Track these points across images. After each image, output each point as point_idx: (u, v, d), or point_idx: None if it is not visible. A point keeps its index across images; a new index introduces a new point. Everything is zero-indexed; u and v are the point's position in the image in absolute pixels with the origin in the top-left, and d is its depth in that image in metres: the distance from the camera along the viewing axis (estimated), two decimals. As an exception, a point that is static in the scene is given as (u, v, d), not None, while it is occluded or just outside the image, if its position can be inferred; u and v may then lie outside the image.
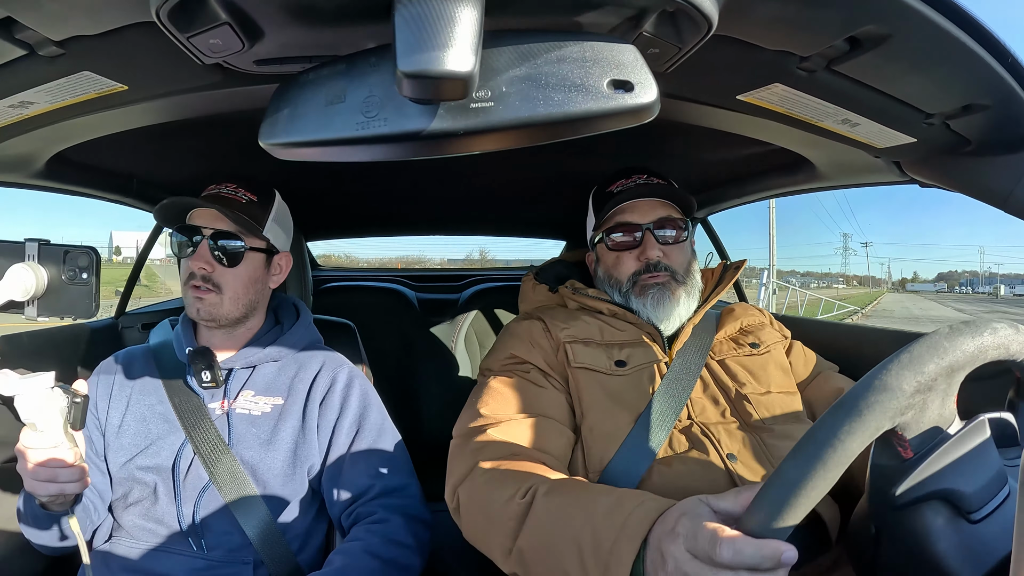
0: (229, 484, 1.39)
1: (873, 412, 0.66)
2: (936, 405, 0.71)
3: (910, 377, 0.67)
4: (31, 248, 1.08)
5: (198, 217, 1.50)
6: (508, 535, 1.09)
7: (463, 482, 1.24)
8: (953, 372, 0.69)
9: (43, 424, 1.06)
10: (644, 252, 1.51)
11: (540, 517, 1.04)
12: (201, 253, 1.46)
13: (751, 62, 0.93)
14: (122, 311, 2.41)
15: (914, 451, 0.73)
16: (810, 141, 1.38)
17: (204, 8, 0.72)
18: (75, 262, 1.10)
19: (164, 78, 0.99)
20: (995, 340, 0.69)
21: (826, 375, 1.55)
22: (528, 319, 1.58)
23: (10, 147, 1.26)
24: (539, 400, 1.38)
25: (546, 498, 1.06)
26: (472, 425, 1.34)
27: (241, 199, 1.52)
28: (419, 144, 0.71)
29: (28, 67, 0.88)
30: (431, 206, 2.90)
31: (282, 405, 1.50)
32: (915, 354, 0.68)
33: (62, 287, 1.10)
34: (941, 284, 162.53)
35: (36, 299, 1.08)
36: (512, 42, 0.71)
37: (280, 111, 0.74)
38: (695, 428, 1.35)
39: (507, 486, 1.13)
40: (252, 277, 1.54)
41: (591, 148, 1.80)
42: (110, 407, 1.49)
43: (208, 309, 1.47)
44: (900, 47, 0.84)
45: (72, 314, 1.11)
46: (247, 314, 1.57)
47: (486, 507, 1.16)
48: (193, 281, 1.46)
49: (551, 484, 1.09)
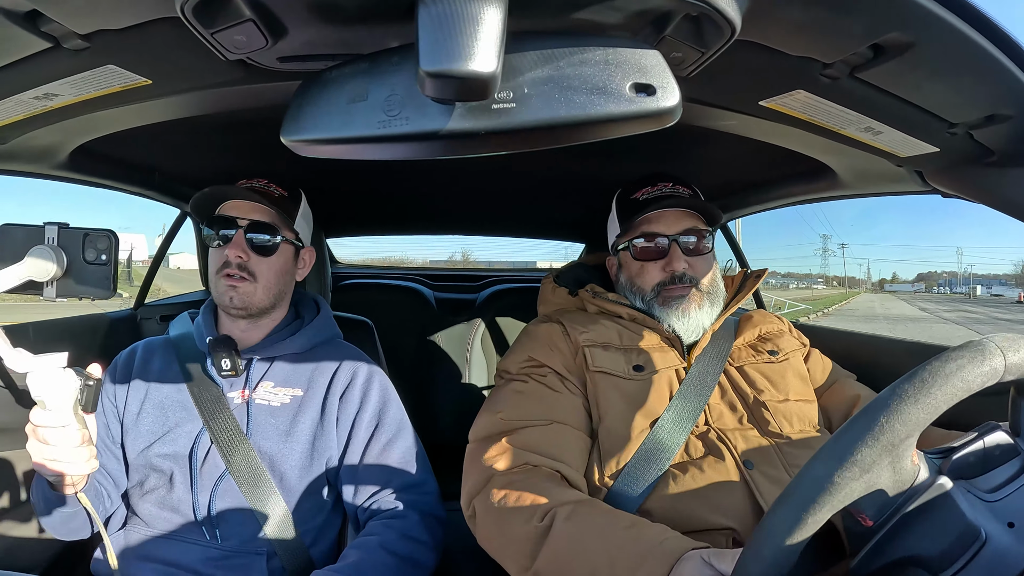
0: (246, 474, 1.40)
1: (814, 507, 0.66)
2: (887, 474, 0.70)
3: (841, 469, 0.66)
4: (51, 231, 1.10)
5: (232, 208, 1.52)
6: (526, 555, 1.10)
7: (478, 494, 1.25)
8: (895, 445, 0.67)
9: (52, 403, 1.08)
10: (670, 263, 1.51)
11: (559, 543, 1.06)
12: (237, 241, 1.48)
13: (774, 68, 0.92)
14: (141, 302, 2.44)
15: (873, 519, 0.73)
16: (832, 149, 1.37)
17: (228, 4, 0.73)
18: (94, 244, 1.12)
19: (188, 73, 0.99)
20: (945, 393, 0.66)
21: (843, 382, 1.54)
22: (547, 322, 1.58)
23: (35, 138, 1.28)
24: (556, 405, 1.38)
25: (565, 524, 1.07)
26: (488, 431, 1.35)
27: (274, 193, 1.56)
28: (440, 144, 0.71)
29: (53, 60, 0.89)
30: (450, 205, 2.90)
31: (301, 397, 1.51)
32: (842, 443, 0.67)
33: (82, 268, 1.12)
34: (919, 285, 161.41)
35: (55, 280, 1.10)
36: (535, 44, 0.71)
37: (302, 108, 0.75)
38: (712, 434, 1.34)
39: (524, 504, 1.14)
40: (283, 268, 1.57)
41: (612, 151, 1.80)
42: (129, 395, 1.51)
43: (242, 297, 1.49)
44: (924, 55, 0.83)
45: (91, 295, 1.13)
46: (275, 304, 1.59)
47: (502, 524, 1.17)
48: (227, 269, 1.48)
49: (570, 509, 1.10)
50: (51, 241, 1.10)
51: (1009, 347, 0.68)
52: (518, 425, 1.33)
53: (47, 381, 1.07)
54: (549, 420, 1.34)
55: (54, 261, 1.08)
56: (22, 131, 1.21)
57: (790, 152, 1.46)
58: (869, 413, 0.67)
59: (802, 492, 0.67)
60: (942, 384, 0.65)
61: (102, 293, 1.13)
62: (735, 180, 2.14)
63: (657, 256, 1.53)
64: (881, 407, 0.67)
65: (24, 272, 1.06)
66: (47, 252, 1.08)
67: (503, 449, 1.28)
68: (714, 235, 1.60)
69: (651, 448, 1.31)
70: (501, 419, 1.35)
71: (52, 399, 1.08)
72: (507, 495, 1.19)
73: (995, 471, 0.77)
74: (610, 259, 1.72)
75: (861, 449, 0.66)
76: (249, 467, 1.41)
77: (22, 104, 1.05)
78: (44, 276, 1.08)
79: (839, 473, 0.66)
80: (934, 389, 0.65)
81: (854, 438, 0.67)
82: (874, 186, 1.61)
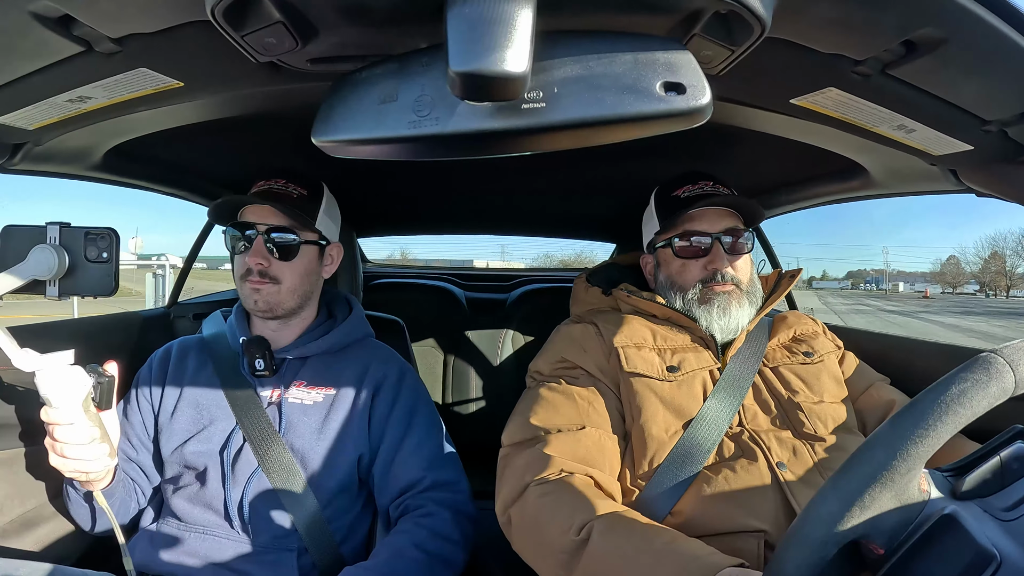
0: (278, 471, 1.42)
1: (820, 545, 0.65)
2: (891, 506, 0.68)
3: (841, 508, 0.65)
4: (52, 231, 1.13)
5: (251, 213, 1.53)
6: (561, 566, 1.11)
7: (514, 503, 1.24)
8: (896, 481, 0.66)
9: (58, 401, 1.11)
10: (712, 262, 1.50)
11: (595, 558, 1.06)
12: (257, 248, 1.50)
13: (805, 65, 0.91)
14: (174, 301, 2.47)
15: (883, 548, 0.71)
16: (865, 147, 1.35)
17: (259, 7, 0.73)
18: (95, 243, 1.14)
19: (219, 75, 1.00)
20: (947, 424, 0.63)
21: (878, 386, 1.52)
22: (580, 322, 1.58)
23: (69, 140, 1.30)
24: (589, 409, 1.37)
25: (602, 538, 1.07)
26: (521, 436, 1.35)
27: (292, 194, 1.55)
28: (470, 144, 0.71)
29: (86, 63, 0.91)
30: (481, 206, 2.91)
31: (334, 395, 1.52)
32: (843, 482, 0.66)
33: (84, 267, 1.14)
34: (846, 282, 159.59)
35: (58, 279, 1.12)
36: (564, 43, 0.71)
37: (333, 109, 0.75)
38: (745, 435, 1.33)
39: (560, 515, 1.14)
40: (307, 269, 1.58)
41: (643, 151, 1.79)
42: (164, 393, 1.54)
43: (266, 299, 1.51)
44: (957, 51, 0.81)
45: (93, 292, 1.14)
46: (302, 304, 1.60)
47: (538, 535, 1.18)
48: (250, 276, 1.49)
49: (607, 521, 1.09)
50: (53, 240, 1.12)
51: (1020, 359, 0.65)
52: (551, 430, 1.33)
53: (52, 379, 1.09)
54: (581, 424, 1.34)
55: (56, 260, 1.10)
56: (57, 133, 1.23)
57: (822, 151, 1.44)
58: (868, 450, 0.66)
59: (806, 531, 0.67)
60: (943, 414, 0.64)
61: (104, 291, 1.14)
62: (766, 179, 2.12)
63: (699, 254, 1.52)
64: (880, 443, 0.66)
65: (27, 271, 1.08)
66: (49, 251, 1.10)
67: (536, 456, 1.27)
68: (753, 235, 1.59)
69: (684, 450, 1.30)
70: (534, 424, 1.35)
71: (58, 397, 1.10)
72: (543, 505, 1.19)
73: (1013, 486, 0.74)
74: (645, 257, 1.71)
75: (861, 489, 0.65)
76: (281, 465, 1.42)
77: (56, 107, 1.07)
78: (47, 275, 1.10)
79: (841, 512, 0.65)
80: (936, 421, 0.64)
81: (852, 478, 0.66)
82: (907, 185, 1.59)
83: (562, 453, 1.28)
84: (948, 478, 0.76)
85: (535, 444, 1.30)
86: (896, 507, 0.68)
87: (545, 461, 1.26)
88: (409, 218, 3.21)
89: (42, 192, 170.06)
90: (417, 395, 1.59)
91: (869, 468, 0.65)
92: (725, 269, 1.49)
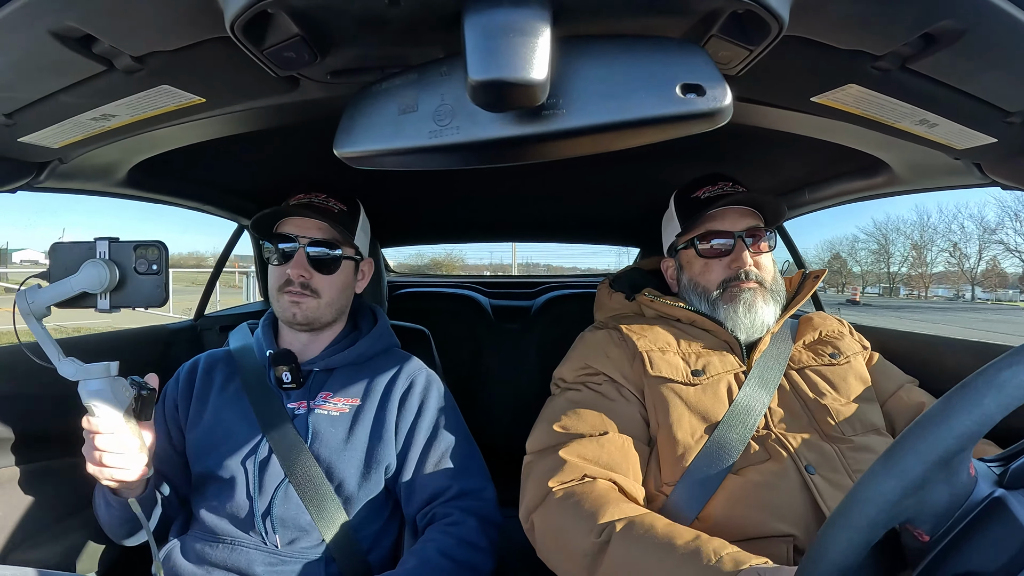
0: (305, 482, 1.42)
1: (868, 527, 0.64)
2: (941, 489, 0.67)
3: (893, 488, 0.63)
4: (101, 246, 1.14)
5: (292, 225, 1.54)
6: (583, 569, 1.10)
7: (537, 509, 1.24)
8: (948, 461, 0.64)
9: (101, 411, 1.13)
10: (736, 260, 1.49)
11: (616, 560, 1.05)
12: (299, 260, 1.51)
13: (824, 63, 0.90)
14: (201, 314, 2.50)
15: (929, 535, 0.69)
16: (887, 143, 1.34)
17: (278, 23, 0.74)
18: (145, 255, 1.15)
19: (240, 91, 1.02)
20: (998, 403, 0.61)
21: (907, 388, 1.49)
22: (603, 328, 1.57)
23: (94, 157, 1.33)
24: (613, 415, 1.36)
25: (622, 540, 1.06)
26: (545, 443, 1.34)
27: (333, 208, 1.57)
28: (491, 152, 0.72)
29: (108, 81, 0.92)
30: (503, 212, 2.91)
31: (360, 406, 1.53)
32: (894, 460, 0.64)
33: (134, 279, 1.15)
34: None
35: (109, 292, 1.14)
36: (582, 48, 0.71)
37: (354, 121, 0.76)
38: (772, 438, 1.31)
39: (582, 519, 1.13)
40: (345, 283, 1.59)
41: (665, 153, 1.78)
42: (192, 406, 1.55)
43: (306, 313, 1.51)
44: (976, 42, 0.80)
45: (145, 304, 1.16)
46: (337, 318, 1.61)
47: (560, 538, 1.17)
48: (290, 287, 1.51)
49: (626, 524, 1.09)
50: (103, 255, 1.14)
51: None
52: (574, 436, 1.32)
53: (96, 389, 1.11)
54: (604, 430, 1.33)
55: (108, 274, 1.12)
56: (82, 151, 1.26)
57: (844, 148, 1.43)
58: (920, 428, 0.64)
59: (854, 512, 0.65)
60: (996, 394, 0.62)
61: (155, 302, 1.16)
62: (789, 179, 2.11)
63: (722, 254, 1.51)
64: (931, 421, 0.64)
65: (78, 284, 1.10)
66: (100, 265, 1.11)
67: (559, 462, 1.27)
68: (775, 234, 1.58)
69: (710, 454, 1.29)
70: (557, 431, 1.34)
71: (101, 406, 1.12)
72: (565, 509, 1.18)
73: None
74: (666, 261, 1.71)
75: (913, 467, 0.63)
76: (308, 475, 1.43)
77: (81, 125, 1.09)
78: (97, 288, 1.12)
79: (891, 492, 0.63)
80: (986, 400, 0.62)
81: (905, 455, 0.64)
82: (932, 180, 1.57)
83: (585, 459, 1.27)
84: (992, 468, 0.74)
85: (558, 450, 1.30)
86: (945, 490, 0.67)
87: (568, 467, 1.25)
88: (431, 227, 3.22)
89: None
90: (443, 404, 1.59)
91: (924, 445, 0.63)
92: (748, 267, 1.48)
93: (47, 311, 1.12)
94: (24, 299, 1.10)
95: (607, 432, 1.32)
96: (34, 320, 1.10)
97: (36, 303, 1.10)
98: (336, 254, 1.54)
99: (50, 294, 1.10)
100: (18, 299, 1.10)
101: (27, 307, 1.10)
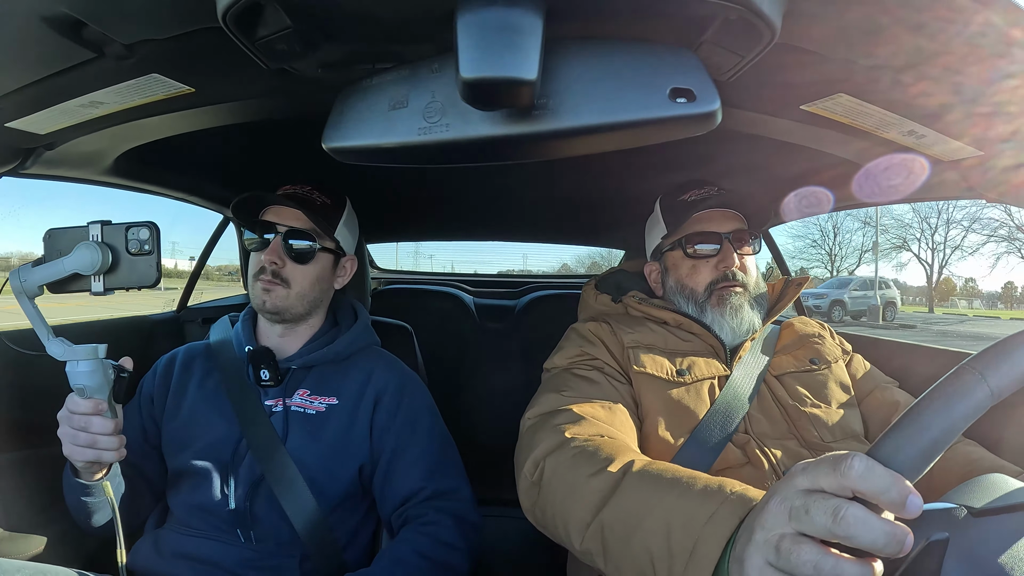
0: (281, 479, 1.42)
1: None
2: None
3: None
4: (94, 229, 1.14)
5: (273, 214, 1.54)
6: (590, 508, 1.04)
7: (551, 453, 1.17)
8: None
9: (91, 391, 1.13)
10: (723, 261, 1.49)
11: (630, 491, 1.00)
12: (274, 247, 1.50)
13: (815, 71, 0.91)
14: (183, 306, 2.48)
15: None
16: (875, 154, 1.35)
17: (270, 14, 0.74)
18: (137, 236, 1.15)
19: (230, 82, 1.01)
20: None
21: (882, 388, 1.50)
22: (594, 321, 1.56)
23: (81, 144, 1.31)
24: (612, 391, 1.35)
25: (639, 473, 1.02)
26: (553, 406, 1.29)
27: (316, 200, 1.57)
28: (480, 150, 0.71)
29: (98, 69, 0.91)
30: (491, 211, 2.91)
31: (337, 404, 1.52)
32: None
33: (127, 260, 1.15)
34: None
35: (102, 274, 1.14)
36: (574, 49, 0.71)
37: (344, 115, 0.76)
38: (751, 444, 1.32)
39: (598, 459, 1.09)
40: (319, 276, 1.58)
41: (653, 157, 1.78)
42: (168, 399, 1.54)
43: (274, 302, 1.50)
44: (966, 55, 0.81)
45: (137, 284, 1.15)
46: (310, 311, 1.60)
47: (572, 478, 1.11)
48: (263, 275, 1.50)
49: (646, 461, 1.05)
50: (95, 238, 1.13)
51: (988, 368, 0.59)
52: (583, 401, 1.29)
53: (84, 370, 1.11)
54: (610, 400, 1.32)
55: (100, 255, 1.11)
56: (69, 138, 1.24)
57: (832, 157, 1.43)
58: None
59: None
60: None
61: (147, 282, 1.15)
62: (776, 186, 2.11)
63: (710, 255, 1.51)
64: None
65: (70, 265, 1.10)
66: (92, 247, 1.11)
67: (577, 416, 1.23)
68: (760, 239, 1.58)
69: (689, 455, 1.29)
70: (565, 396, 1.32)
71: (90, 387, 1.12)
72: (582, 450, 1.13)
73: None
74: (649, 265, 1.70)
75: None
76: (284, 472, 1.42)
77: (68, 112, 1.08)
78: (90, 269, 1.11)
79: None
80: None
81: None
82: (919, 191, 1.58)
83: (598, 419, 1.24)
84: None
85: (570, 410, 1.26)
86: None
87: (586, 423, 1.22)
88: (418, 224, 3.21)
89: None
90: (420, 404, 1.59)
91: None
92: (735, 268, 1.49)
93: (39, 290, 1.11)
94: (16, 277, 1.10)
95: (612, 403, 1.31)
96: (26, 299, 1.10)
97: (28, 282, 1.09)
98: (311, 244, 1.53)
99: (42, 274, 1.10)
100: (11, 277, 1.11)
101: (19, 285, 1.09)
